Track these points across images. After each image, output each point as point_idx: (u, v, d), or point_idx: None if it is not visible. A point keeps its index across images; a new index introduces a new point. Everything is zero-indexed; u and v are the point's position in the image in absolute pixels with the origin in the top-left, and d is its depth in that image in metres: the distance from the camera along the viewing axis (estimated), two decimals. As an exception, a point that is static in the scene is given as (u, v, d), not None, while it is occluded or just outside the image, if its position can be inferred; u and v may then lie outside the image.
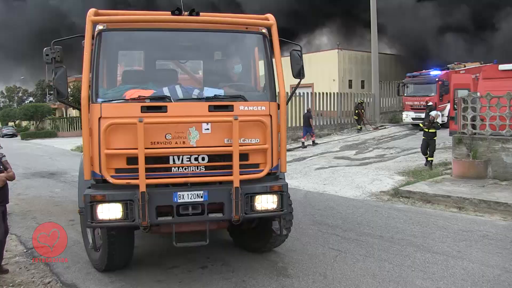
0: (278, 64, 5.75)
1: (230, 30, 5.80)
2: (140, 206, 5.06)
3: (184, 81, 6.46)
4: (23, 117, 64.44)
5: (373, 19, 29.72)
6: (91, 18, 5.27)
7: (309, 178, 13.84)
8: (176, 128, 5.23)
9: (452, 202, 9.83)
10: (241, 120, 5.27)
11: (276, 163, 5.61)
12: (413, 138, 22.33)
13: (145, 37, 5.93)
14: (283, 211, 5.59)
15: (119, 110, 5.26)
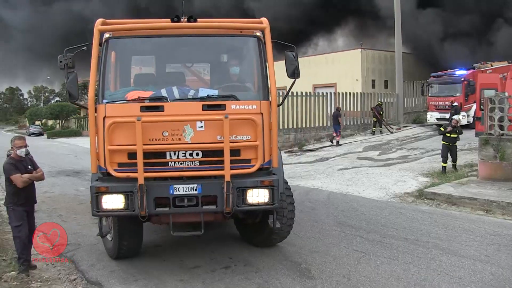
0: (271, 65, 6.01)
1: (225, 34, 6.24)
2: (139, 197, 5.51)
3: (190, 82, 6.92)
4: (49, 116, 65.75)
5: (397, 18, 29.35)
6: (98, 28, 5.78)
7: (332, 179, 13.74)
8: (172, 126, 5.62)
9: (478, 205, 9.63)
10: (232, 118, 5.58)
11: (268, 159, 5.86)
12: (437, 139, 21.87)
13: (148, 43, 6.44)
14: (274, 205, 5.80)
15: (121, 110, 5.74)
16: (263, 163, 5.79)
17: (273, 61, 6.03)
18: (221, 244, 7.50)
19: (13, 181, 6.20)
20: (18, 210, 6.37)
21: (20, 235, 6.32)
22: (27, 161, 6.52)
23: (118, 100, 5.88)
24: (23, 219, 6.38)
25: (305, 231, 8.14)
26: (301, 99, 24.70)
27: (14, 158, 6.39)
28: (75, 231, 8.61)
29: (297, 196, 11.20)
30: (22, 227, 6.34)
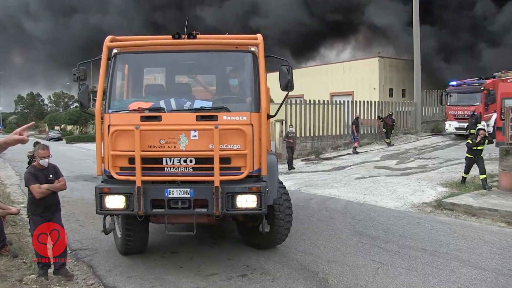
0: (262, 79, 6.35)
1: (222, 50, 6.68)
2: (137, 198, 6.05)
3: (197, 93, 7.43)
4: (68, 121, 66.67)
5: (415, 26, 29.16)
6: (107, 44, 6.43)
7: (349, 188, 13.64)
8: (169, 134, 6.12)
9: (499, 216, 9.46)
10: (222, 129, 6.00)
11: (258, 167, 6.20)
12: (456, 149, 21.68)
13: (152, 58, 7.00)
14: (262, 210, 6.12)
15: (123, 119, 6.29)
16: (252, 170, 6.16)
17: (265, 75, 6.45)
18: (237, 252, 7.49)
19: (31, 191, 6.20)
20: (36, 219, 6.33)
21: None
22: (49, 170, 6.39)
23: (121, 110, 6.43)
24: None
25: (322, 240, 8.09)
26: (318, 107, 24.65)
27: (35, 166, 6.33)
28: (92, 236, 8.69)
29: (314, 205, 11.19)
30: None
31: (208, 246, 7.88)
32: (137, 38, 6.89)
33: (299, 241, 8.10)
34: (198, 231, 8.77)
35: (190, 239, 8.35)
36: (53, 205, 6.49)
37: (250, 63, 6.49)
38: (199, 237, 8.43)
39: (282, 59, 6.65)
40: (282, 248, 7.64)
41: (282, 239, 7.40)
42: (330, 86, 42.81)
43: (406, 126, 29.36)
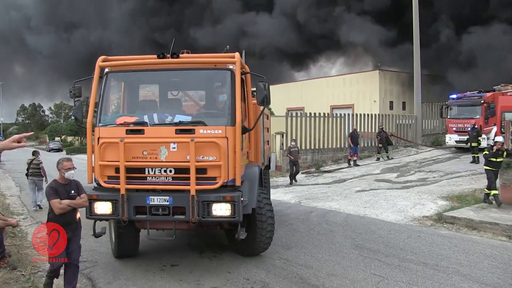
0: (238, 95, 6.74)
1: (203, 68, 7.23)
2: (121, 204, 6.54)
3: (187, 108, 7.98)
4: (69, 132, 66.78)
5: (415, 39, 29.32)
6: (99, 64, 7.08)
7: (349, 201, 13.62)
8: (151, 146, 6.61)
9: (500, 230, 9.42)
10: (198, 141, 6.43)
11: (232, 177, 6.56)
12: (457, 162, 21.70)
13: (139, 75, 7.58)
14: (235, 218, 6.46)
15: (110, 132, 6.84)
16: (227, 180, 6.52)
17: (240, 91, 6.85)
18: (237, 265, 7.46)
19: (51, 207, 5.89)
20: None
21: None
22: (72, 186, 6.05)
23: (109, 124, 6.99)
24: None
25: (323, 253, 8.06)
26: (319, 120, 24.71)
27: (57, 181, 6.03)
28: (92, 248, 8.65)
29: (315, 218, 11.17)
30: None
31: (207, 259, 7.85)
32: (126, 58, 7.46)
33: (299, 254, 8.08)
34: (198, 244, 8.78)
35: (190, 251, 8.33)
36: (73, 222, 6.12)
37: (228, 80, 6.94)
38: (199, 250, 8.41)
39: (259, 76, 7.16)
40: (282, 261, 7.62)
41: (264, 247, 7.72)
42: (330, 99, 42.97)
43: (406, 139, 29.37)
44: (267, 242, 7.62)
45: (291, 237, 9.33)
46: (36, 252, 8.34)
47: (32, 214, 12.54)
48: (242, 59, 7.26)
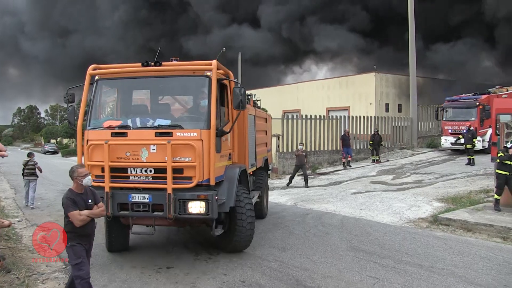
0: (213, 100, 7.15)
1: (182, 75, 7.66)
2: (105, 201, 6.97)
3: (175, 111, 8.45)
4: (65, 135, 66.56)
5: (411, 41, 29.43)
6: (90, 72, 7.71)
7: (345, 203, 13.63)
8: (133, 148, 7.13)
9: (495, 232, 9.46)
10: (174, 143, 6.90)
11: (207, 177, 6.99)
12: (452, 164, 21.77)
13: (126, 82, 8.07)
14: (209, 215, 6.94)
15: (97, 135, 7.38)
16: (202, 180, 6.95)
17: (216, 96, 7.21)
18: (233, 268, 7.46)
19: (70, 219, 5.53)
20: (77, 248, 5.60)
21: (81, 274, 5.49)
22: (88, 194, 5.76)
23: (97, 127, 7.54)
24: (83, 255, 5.60)
25: (319, 256, 8.06)
26: (315, 122, 24.74)
27: (73, 191, 5.62)
28: (87, 250, 8.62)
29: (310, 220, 11.17)
30: (82, 265, 5.55)
31: (203, 261, 7.84)
32: (115, 66, 8.06)
33: (295, 256, 8.08)
34: (194, 246, 8.78)
35: (185, 254, 8.32)
36: (92, 233, 5.87)
37: (205, 86, 7.42)
38: (195, 252, 8.41)
39: (235, 81, 7.90)
40: (278, 263, 7.63)
41: (245, 244, 8.14)
42: (326, 101, 43.06)
43: (402, 141, 29.45)
44: (248, 239, 8.05)
45: (287, 239, 9.33)
46: (31, 255, 8.35)
47: (27, 216, 12.50)
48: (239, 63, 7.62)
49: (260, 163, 11.47)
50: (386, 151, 27.07)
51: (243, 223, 7.78)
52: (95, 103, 7.80)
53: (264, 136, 12.25)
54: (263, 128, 12.06)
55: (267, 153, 12.78)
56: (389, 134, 28.46)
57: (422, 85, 36.05)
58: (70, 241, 5.60)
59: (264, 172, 11.97)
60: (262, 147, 11.82)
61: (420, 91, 32.73)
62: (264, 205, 11.53)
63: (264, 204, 11.61)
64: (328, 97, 43.25)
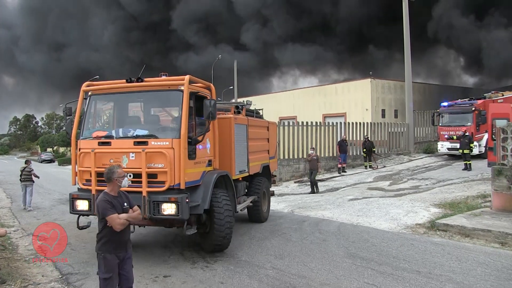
0: (184, 111, 7.89)
1: (159, 90, 8.42)
2: (92, 203, 7.96)
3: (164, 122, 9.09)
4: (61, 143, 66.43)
5: (406, 47, 29.57)
6: (83, 88, 8.86)
7: (342, 209, 13.61)
8: (115, 156, 8.00)
9: (493, 237, 9.44)
10: (148, 151, 7.73)
11: (178, 182, 7.69)
12: (449, 169, 21.81)
13: (113, 96, 8.91)
14: (179, 216, 7.59)
15: (87, 144, 8.38)
16: (173, 184, 7.67)
17: (187, 108, 7.93)
18: (230, 276, 7.42)
19: (109, 223, 5.17)
20: (111, 258, 5.26)
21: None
22: (122, 197, 5.47)
23: (87, 138, 8.52)
24: (114, 270, 5.26)
25: (316, 263, 8.03)
26: (311, 129, 24.75)
27: (109, 194, 5.33)
28: (84, 260, 8.58)
29: (307, 227, 11.14)
30: (111, 282, 5.25)
31: (200, 270, 7.80)
32: (105, 83, 8.94)
33: (292, 263, 8.04)
34: (191, 254, 8.73)
35: (182, 262, 8.27)
36: (129, 240, 5.54)
37: (178, 99, 8.08)
38: (192, 260, 8.36)
39: (205, 96, 8.65)
40: (275, 271, 7.59)
41: (224, 244, 8.66)
42: (323, 108, 43.15)
43: (399, 147, 29.49)
44: (226, 239, 8.61)
45: (284, 246, 9.30)
46: (26, 265, 8.29)
47: (23, 226, 12.41)
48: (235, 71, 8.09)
49: (256, 169, 11.70)
50: (382, 158, 27.08)
51: (220, 223, 8.37)
52: (87, 115, 8.78)
53: (264, 143, 12.59)
54: (262, 136, 12.40)
55: (269, 160, 12.95)
56: (385, 140, 28.50)
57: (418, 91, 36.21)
58: (104, 250, 5.25)
59: (264, 178, 12.20)
60: (260, 154, 12.07)
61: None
62: (261, 210, 11.80)
63: (262, 209, 11.90)
64: (324, 103, 43.36)
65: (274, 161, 13.66)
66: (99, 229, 5.27)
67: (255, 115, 12.27)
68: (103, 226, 5.22)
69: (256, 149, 11.61)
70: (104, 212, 5.15)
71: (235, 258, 8.40)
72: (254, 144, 11.37)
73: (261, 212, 11.76)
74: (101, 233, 5.27)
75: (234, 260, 8.27)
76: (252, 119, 11.68)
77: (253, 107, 12.33)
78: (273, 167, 13.55)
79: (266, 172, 12.66)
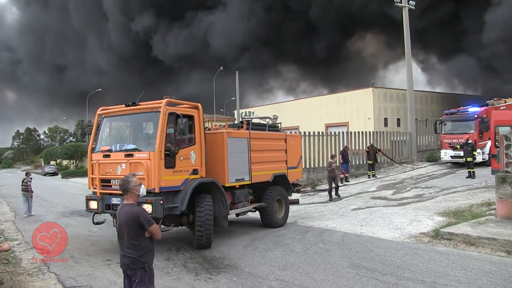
0: (159, 129, 9.52)
1: (147, 112, 10.34)
2: (97, 203, 10.18)
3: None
4: (64, 156, 66.59)
5: (407, 56, 29.64)
6: (98, 112, 11.10)
7: (346, 219, 13.55)
8: (113, 165, 10.03)
9: (499, 246, 9.34)
10: (132, 162, 9.59)
11: (153, 187, 9.29)
12: (452, 177, 21.71)
13: (118, 118, 11.04)
14: (153, 215, 8.78)
15: (96, 156, 10.50)
16: (150, 188, 9.16)
17: (162, 126, 9.53)
18: (233, 287, 7.36)
19: (152, 232, 5.00)
20: (152, 269, 5.12)
21: None
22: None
23: (97, 151, 10.63)
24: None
25: (319, 273, 7.97)
26: (313, 139, 24.74)
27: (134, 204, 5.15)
28: (87, 272, 8.55)
29: (311, 238, 11.09)
30: None
31: (204, 281, 7.75)
32: (113, 107, 11.04)
33: (296, 274, 7.98)
34: (194, 266, 8.69)
35: (185, 274, 8.23)
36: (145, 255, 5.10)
37: (155, 119, 9.82)
38: (195, 272, 8.32)
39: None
40: (279, 282, 7.53)
41: (206, 243, 10.09)
42: (325, 117, 43.16)
43: (402, 156, 29.42)
44: (206, 237, 10.03)
45: (287, 257, 9.24)
46: (30, 278, 8.26)
47: (26, 239, 12.39)
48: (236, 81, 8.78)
49: (265, 178, 12.68)
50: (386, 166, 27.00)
51: (200, 224, 9.91)
52: (99, 134, 10.96)
53: (278, 154, 13.44)
54: (276, 148, 13.37)
55: (288, 170, 13.72)
56: (388, 149, 28.44)
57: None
58: (149, 261, 5.05)
59: (277, 187, 13.12)
60: (271, 164, 13.02)
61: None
62: (272, 216, 12.69)
63: (275, 215, 12.87)
64: (326, 113, 43.37)
65: (295, 171, 14.30)
66: (137, 242, 4.94)
67: (267, 128, 13.34)
68: (143, 237, 4.96)
69: (264, 160, 12.57)
70: (149, 222, 4.95)
71: (238, 270, 8.35)
72: (261, 155, 12.38)
73: (271, 217, 12.62)
74: (143, 245, 4.97)
75: (237, 271, 8.23)
76: (257, 132, 12.52)
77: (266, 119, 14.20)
78: (295, 176, 14.30)
79: (283, 181, 13.45)
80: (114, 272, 8.35)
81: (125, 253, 4.96)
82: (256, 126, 12.97)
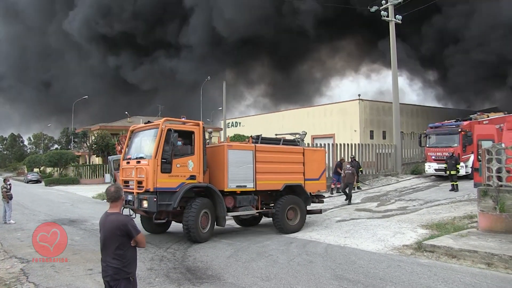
0: (156, 141, 11.74)
1: (153, 128, 12.50)
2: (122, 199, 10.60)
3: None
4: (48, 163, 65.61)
5: (393, 69, 29.98)
6: (130, 129, 13.90)
7: (330, 231, 13.57)
8: (130, 170, 12.43)
9: (479, 258, 9.43)
10: (138, 167, 11.95)
11: (149, 187, 11.50)
12: (436, 190, 21.91)
13: (139, 133, 13.44)
14: (148, 209, 11.65)
15: (123, 163, 13.06)
16: (147, 188, 11.52)
17: (159, 139, 11.74)
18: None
19: (138, 241, 4.95)
20: (136, 279, 5.08)
21: None
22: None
23: (124, 159, 13.10)
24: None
25: (302, 285, 7.95)
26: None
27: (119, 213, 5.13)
28: (68, 282, 8.42)
29: (295, 249, 11.07)
30: None
31: (185, 292, 7.68)
32: (137, 125, 14.32)
33: (279, 285, 7.95)
34: (176, 276, 8.62)
35: (168, 284, 8.15)
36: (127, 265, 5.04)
37: (156, 134, 11.92)
38: (178, 282, 8.25)
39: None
40: (261, 294, 7.49)
41: (193, 236, 11.84)
42: (312, 129, 43.31)
43: (387, 168, 29.63)
44: (191, 232, 11.77)
45: (271, 268, 9.21)
46: None
47: (5, 248, 12.18)
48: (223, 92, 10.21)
49: (275, 187, 13.85)
50: (371, 178, 27.15)
51: (185, 220, 11.80)
52: (129, 145, 13.45)
53: (293, 166, 14.37)
54: (289, 160, 14.32)
55: (305, 181, 14.58)
56: (373, 161, 28.63)
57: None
58: (133, 271, 4.99)
59: (289, 196, 14.01)
60: (283, 175, 14.04)
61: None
62: (282, 222, 13.55)
63: (286, 222, 13.66)
64: (313, 124, 43.57)
65: (316, 182, 15.14)
66: (123, 251, 4.86)
67: (282, 143, 14.76)
68: (128, 246, 4.90)
69: (273, 170, 13.74)
70: (137, 230, 4.91)
71: (221, 280, 8.31)
72: (269, 166, 13.63)
73: (282, 223, 13.56)
74: (127, 254, 4.90)
75: (220, 282, 8.18)
76: (264, 146, 13.89)
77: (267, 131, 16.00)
78: (315, 187, 15.20)
79: (299, 190, 14.37)
80: (95, 282, 8.23)
81: (108, 263, 4.86)
82: (267, 140, 14.43)
